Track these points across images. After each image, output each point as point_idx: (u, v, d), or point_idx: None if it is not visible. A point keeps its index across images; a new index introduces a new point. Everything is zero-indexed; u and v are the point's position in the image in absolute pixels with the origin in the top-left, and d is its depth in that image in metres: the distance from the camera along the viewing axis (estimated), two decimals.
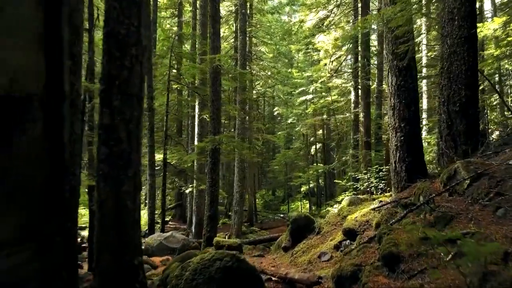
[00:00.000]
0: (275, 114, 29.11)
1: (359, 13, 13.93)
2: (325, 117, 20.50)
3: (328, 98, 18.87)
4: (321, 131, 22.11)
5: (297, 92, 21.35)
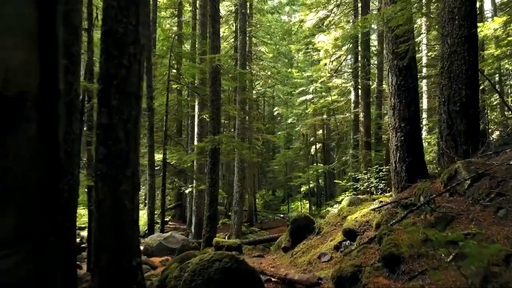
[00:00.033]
0: (275, 114, 29.08)
1: (359, 13, 13.90)
2: (325, 117, 20.47)
3: (328, 98, 18.84)
4: (321, 131, 22.08)
5: (297, 92, 21.32)
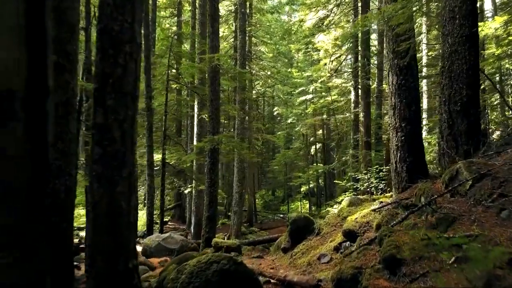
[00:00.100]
0: (274, 114, 29.02)
1: (359, 13, 13.84)
2: (325, 117, 20.42)
3: (328, 98, 18.79)
4: (321, 131, 22.02)
5: (297, 92, 21.27)
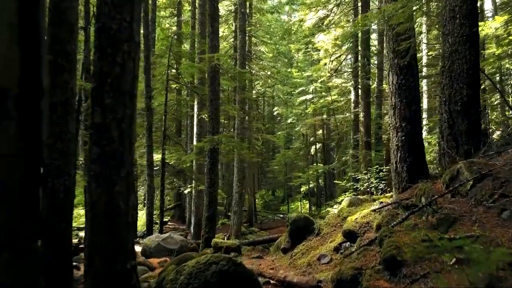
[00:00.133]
0: (274, 114, 28.99)
1: (359, 12, 13.80)
2: (325, 117, 20.39)
3: (328, 98, 18.76)
4: (321, 131, 21.99)
5: (297, 92, 21.23)
